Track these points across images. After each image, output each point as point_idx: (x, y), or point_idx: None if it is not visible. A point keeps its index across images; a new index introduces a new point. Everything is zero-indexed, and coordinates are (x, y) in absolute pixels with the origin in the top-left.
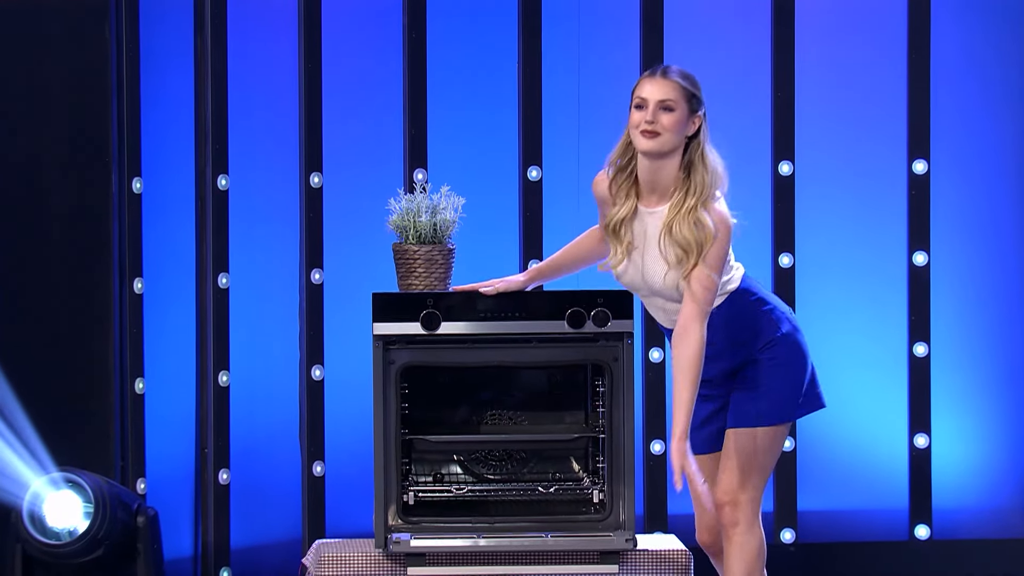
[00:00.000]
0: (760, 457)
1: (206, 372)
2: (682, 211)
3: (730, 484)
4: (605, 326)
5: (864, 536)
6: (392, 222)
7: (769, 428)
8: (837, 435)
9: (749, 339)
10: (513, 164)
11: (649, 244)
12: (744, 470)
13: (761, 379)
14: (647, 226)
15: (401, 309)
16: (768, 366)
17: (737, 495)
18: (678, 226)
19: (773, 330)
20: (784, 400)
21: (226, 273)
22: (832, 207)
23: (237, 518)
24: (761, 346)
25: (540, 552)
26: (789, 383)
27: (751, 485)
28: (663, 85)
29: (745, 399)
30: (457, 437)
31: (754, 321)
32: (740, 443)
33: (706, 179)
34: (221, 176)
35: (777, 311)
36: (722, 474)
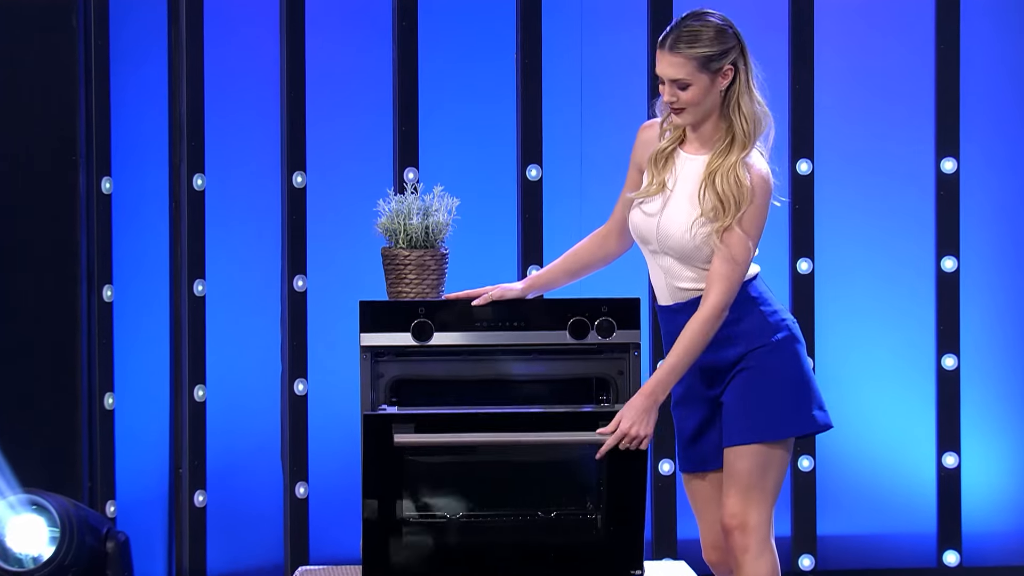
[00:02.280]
0: (761, 476)
1: (181, 386)
2: (725, 164)
3: (736, 507)
4: (610, 337)
5: (888, 563)
6: (381, 225)
7: (763, 445)
8: (859, 454)
9: (743, 336)
10: (511, 163)
11: (680, 190)
12: (747, 491)
13: (751, 390)
14: (684, 171)
15: (390, 318)
16: (758, 375)
17: (745, 518)
18: (721, 178)
19: (768, 334)
20: (777, 414)
21: (202, 280)
22: (854, 209)
23: (214, 543)
24: (754, 349)
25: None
26: (781, 396)
27: (758, 508)
28: (671, 63)
29: (735, 414)
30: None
31: (752, 320)
32: (738, 463)
33: (746, 129)
34: (197, 175)
35: (777, 315)
36: (726, 497)
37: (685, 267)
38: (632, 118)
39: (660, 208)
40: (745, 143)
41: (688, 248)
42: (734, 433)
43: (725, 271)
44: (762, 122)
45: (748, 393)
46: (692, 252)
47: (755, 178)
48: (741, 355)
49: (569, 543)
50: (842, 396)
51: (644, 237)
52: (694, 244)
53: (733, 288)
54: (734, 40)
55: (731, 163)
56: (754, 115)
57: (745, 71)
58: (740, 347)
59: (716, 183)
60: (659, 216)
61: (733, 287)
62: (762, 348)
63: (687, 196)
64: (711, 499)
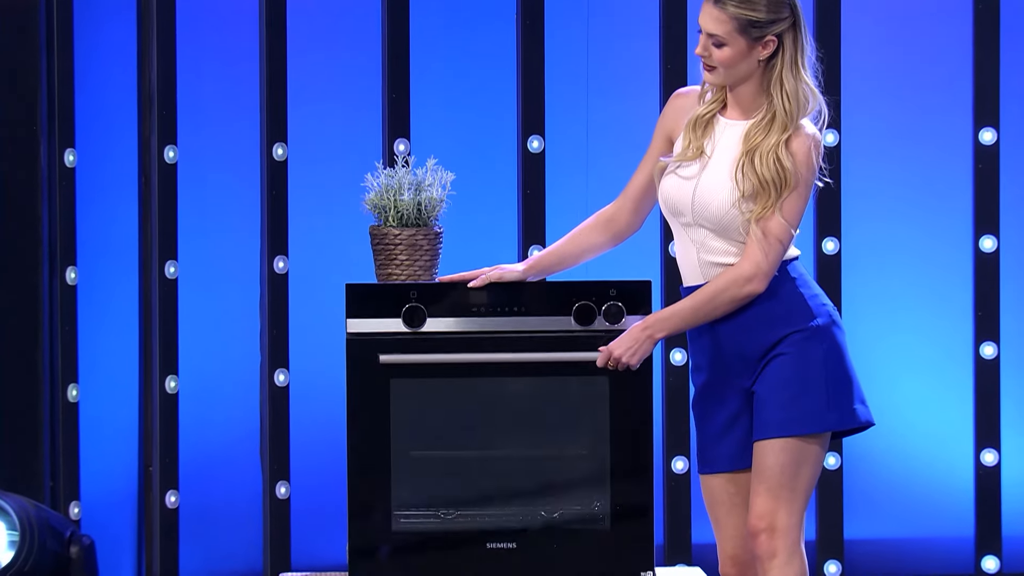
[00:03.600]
0: (793, 474)
1: (151, 377)
2: (764, 145)
3: (764, 507)
4: (619, 323)
5: (922, 569)
6: (369, 201)
7: (798, 439)
8: (890, 450)
9: (778, 318)
10: (511, 133)
11: (719, 157)
12: (778, 490)
13: (788, 379)
14: (724, 137)
15: (380, 303)
16: (795, 362)
17: (774, 520)
18: (761, 160)
19: (807, 318)
20: (816, 405)
21: (174, 261)
22: (884, 184)
23: (187, 548)
24: (790, 333)
25: None
26: (820, 385)
27: (789, 508)
28: (712, 16)
29: (769, 404)
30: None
31: (789, 300)
32: (769, 458)
33: (788, 108)
34: (169, 147)
35: (818, 299)
36: (754, 496)
37: (721, 240)
38: (643, 85)
39: (697, 174)
40: (786, 123)
41: (727, 221)
42: (767, 425)
43: (763, 247)
44: (808, 102)
45: (784, 382)
46: (730, 225)
47: (799, 160)
48: (777, 340)
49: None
50: (871, 387)
51: (677, 207)
52: (734, 217)
53: (770, 264)
54: (788, 12)
55: (771, 144)
56: (797, 94)
57: (793, 48)
58: (777, 331)
59: (756, 164)
60: (696, 182)
61: (770, 263)
62: (800, 333)
63: (727, 167)
64: (736, 505)
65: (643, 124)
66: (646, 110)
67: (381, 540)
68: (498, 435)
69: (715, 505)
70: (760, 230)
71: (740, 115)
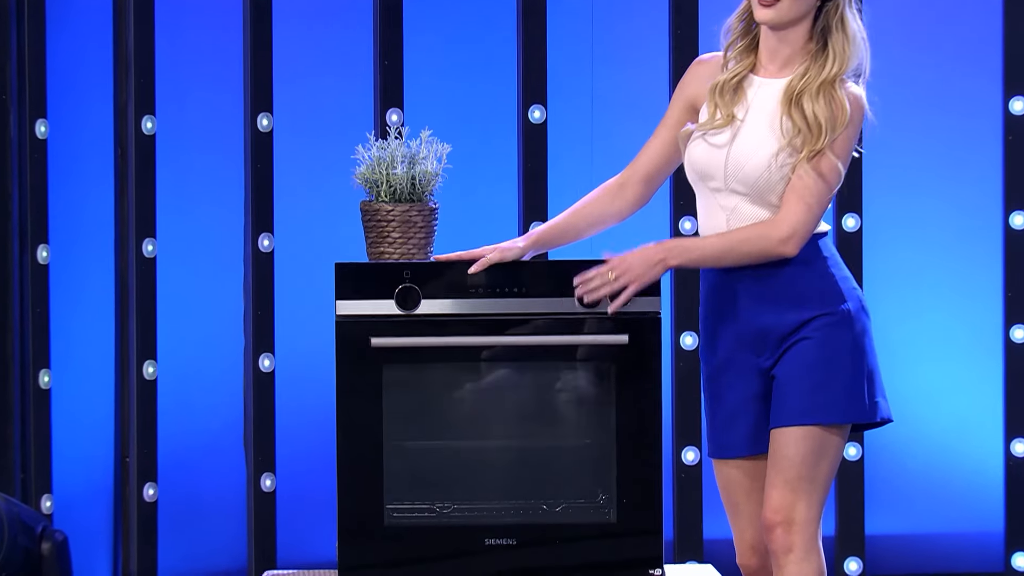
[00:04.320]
0: (814, 465)
1: (128, 362)
2: (817, 83)
3: (781, 500)
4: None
5: (948, 566)
6: (360, 175)
7: (822, 429)
8: (914, 440)
9: (807, 298)
10: (511, 102)
11: (754, 118)
12: (796, 482)
13: (812, 364)
14: (758, 98)
15: (371, 283)
16: (822, 348)
17: (791, 513)
18: (810, 100)
19: (837, 301)
20: (841, 394)
21: (152, 239)
22: (908, 157)
23: (166, 544)
24: (818, 316)
25: None
26: (847, 374)
27: (808, 501)
28: None
29: (791, 390)
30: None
31: (820, 280)
32: (789, 447)
33: (847, 48)
34: (146, 117)
35: (848, 283)
36: (771, 488)
37: (757, 206)
38: (651, 51)
39: (730, 139)
40: (842, 64)
41: (763, 182)
42: (788, 412)
43: (803, 202)
44: (860, 48)
45: (808, 367)
46: (768, 187)
47: (851, 96)
48: (804, 321)
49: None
50: (892, 373)
51: (707, 172)
52: (773, 177)
53: (807, 227)
54: None
55: (822, 80)
56: (855, 36)
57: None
58: (804, 311)
59: (804, 104)
60: (729, 147)
61: (807, 225)
62: (828, 316)
63: (765, 124)
64: (751, 491)
65: (652, 93)
66: (655, 78)
67: (372, 535)
68: (497, 424)
69: (733, 489)
70: (803, 179)
71: (776, 71)
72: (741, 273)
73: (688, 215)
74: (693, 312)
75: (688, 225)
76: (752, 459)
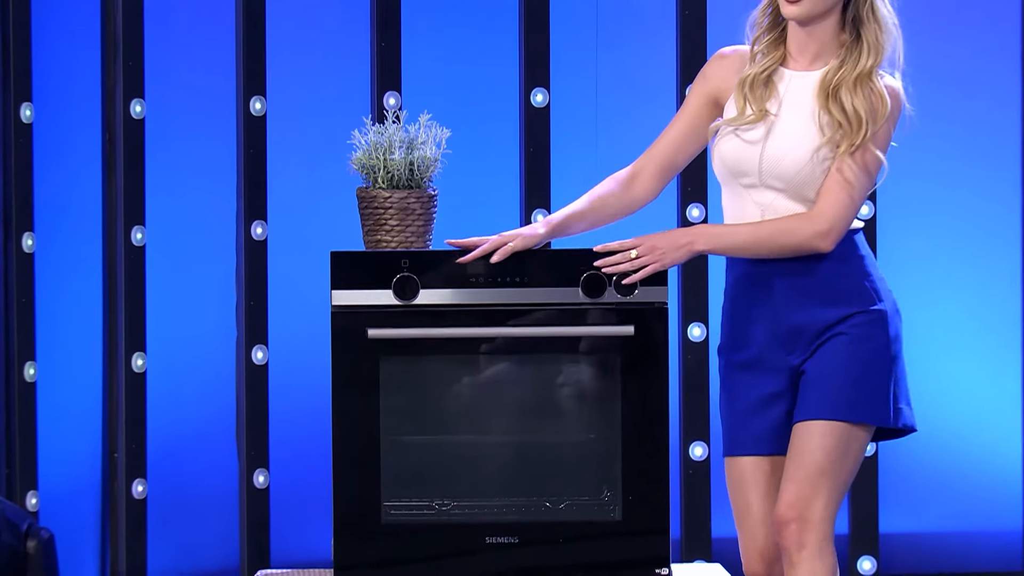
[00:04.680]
0: (837, 461)
1: (116, 354)
2: (853, 76)
3: (797, 495)
4: (631, 294)
5: (965, 566)
6: (356, 160)
7: (850, 426)
8: (930, 436)
9: (843, 296)
10: (513, 86)
11: (789, 112)
12: (816, 478)
13: (846, 361)
14: (791, 91)
15: (368, 272)
16: (857, 345)
17: (805, 510)
18: (848, 93)
19: (870, 300)
20: (873, 394)
21: (141, 227)
22: (924, 139)
23: (156, 542)
24: (854, 314)
25: None
26: (880, 374)
27: (825, 499)
28: None
29: (822, 384)
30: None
31: (857, 278)
32: (813, 440)
33: (880, 38)
34: (135, 101)
35: (884, 284)
36: (787, 483)
37: (793, 201)
38: (659, 31)
39: (764, 135)
40: (878, 54)
41: (803, 178)
42: (816, 406)
43: (843, 195)
44: (893, 35)
45: (841, 363)
46: (806, 182)
47: (890, 89)
48: (839, 318)
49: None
50: (908, 366)
51: (740, 168)
52: (815, 172)
53: (852, 208)
54: None
55: (859, 73)
56: (888, 23)
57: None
58: (840, 309)
59: (843, 98)
60: (764, 143)
61: (852, 207)
62: (864, 315)
63: (802, 119)
64: (767, 491)
65: (659, 75)
66: (662, 60)
67: (369, 533)
68: (499, 418)
69: (746, 488)
70: (843, 172)
71: (807, 64)
72: (778, 268)
73: (695, 202)
74: (701, 302)
75: (696, 212)
76: (768, 458)
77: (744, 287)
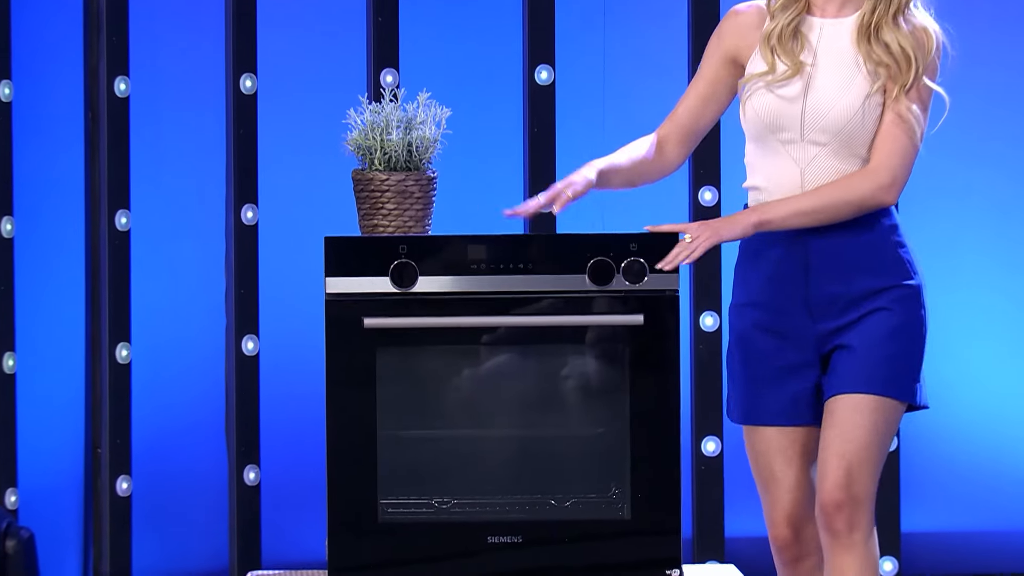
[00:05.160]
0: (881, 437)
1: (99, 344)
2: (891, 13)
3: (848, 474)
4: (640, 282)
5: (990, 567)
6: (352, 141)
7: (894, 402)
8: (954, 429)
9: (879, 266)
10: (516, 63)
11: (829, 62)
12: (863, 452)
13: (891, 335)
14: (824, 40)
15: (364, 259)
16: (900, 320)
17: (856, 490)
18: (890, 32)
19: (904, 275)
20: (912, 371)
21: (127, 211)
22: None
23: (141, 541)
24: (890, 287)
25: None
26: (917, 352)
27: (871, 476)
28: None
29: (870, 358)
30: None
31: (893, 250)
32: (856, 415)
33: None
34: (119, 78)
35: (916, 259)
36: (833, 459)
37: (837, 157)
38: (673, 3)
39: (803, 88)
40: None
41: (851, 129)
42: (866, 379)
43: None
44: None
45: (886, 337)
46: (854, 134)
47: (931, 26)
48: (877, 289)
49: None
50: (931, 354)
51: (778, 123)
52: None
53: (911, 156)
54: None
55: (896, 8)
56: None
57: None
58: (876, 280)
59: (886, 37)
60: (805, 96)
61: (912, 155)
62: (901, 290)
63: (844, 67)
64: (793, 457)
65: (669, 50)
66: (672, 34)
67: (365, 533)
68: (501, 412)
69: (772, 457)
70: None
71: (837, 11)
72: (813, 241)
73: (708, 185)
74: (714, 290)
75: (708, 196)
76: (795, 428)
77: (766, 248)
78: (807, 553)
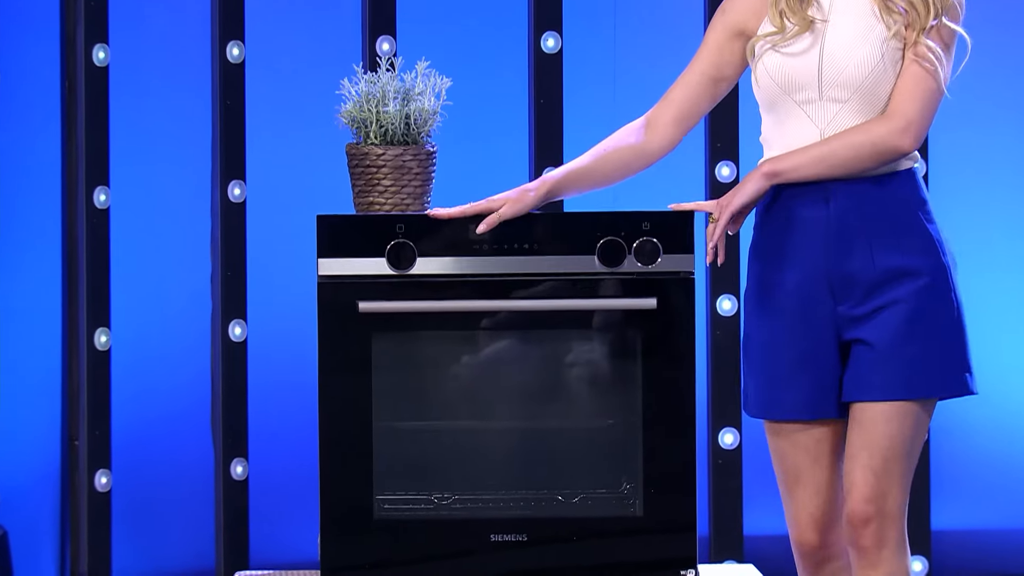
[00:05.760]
0: (910, 445)
1: (77, 330)
2: None
3: (876, 488)
4: (653, 263)
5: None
6: (346, 113)
7: (922, 404)
8: (987, 422)
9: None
10: (521, 30)
11: (841, 12)
12: (892, 463)
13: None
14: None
15: (359, 239)
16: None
17: (886, 504)
18: None
19: (934, 252)
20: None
21: (106, 187)
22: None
23: (122, 539)
24: (911, 272)
25: None
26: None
27: (901, 487)
28: None
29: (892, 360)
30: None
31: (920, 222)
32: (890, 426)
33: None
34: (98, 47)
35: (943, 235)
36: (860, 472)
37: (859, 115)
38: None
39: (817, 43)
40: None
41: (873, 79)
42: (888, 386)
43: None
44: None
45: (910, 335)
46: (875, 85)
47: None
48: (896, 271)
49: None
50: None
51: (795, 82)
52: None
53: (932, 101)
54: None
55: None
56: None
57: None
58: (899, 258)
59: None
60: (820, 51)
61: (933, 99)
62: (928, 273)
63: (859, 15)
64: (819, 455)
65: (684, 17)
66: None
67: (361, 531)
68: (504, 402)
69: (797, 455)
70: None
71: None
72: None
73: (726, 160)
74: (732, 272)
75: (726, 171)
76: (815, 421)
77: (781, 224)
78: (833, 556)
